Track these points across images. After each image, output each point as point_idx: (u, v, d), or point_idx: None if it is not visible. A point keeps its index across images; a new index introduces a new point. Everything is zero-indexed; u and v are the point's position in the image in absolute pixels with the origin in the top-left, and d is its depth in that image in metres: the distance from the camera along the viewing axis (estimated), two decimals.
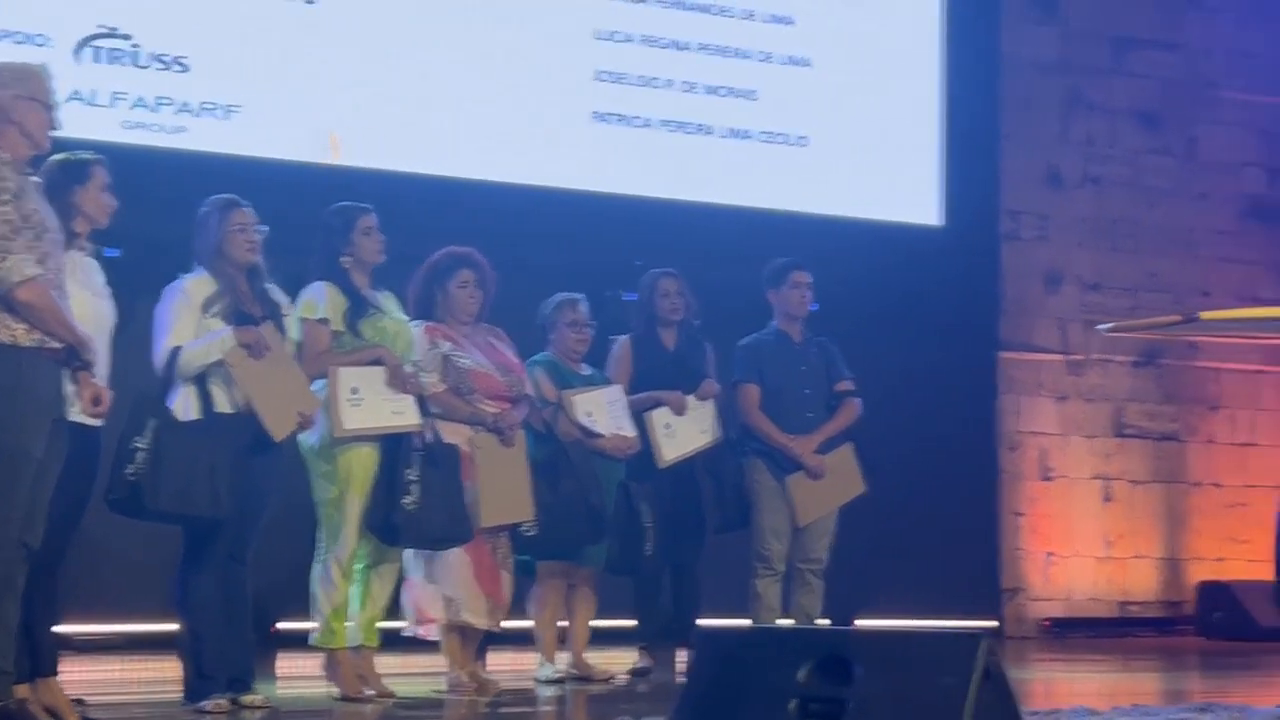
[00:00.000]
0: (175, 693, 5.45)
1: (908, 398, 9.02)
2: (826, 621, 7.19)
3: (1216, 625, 10.10)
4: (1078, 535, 10.38)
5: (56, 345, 4.48)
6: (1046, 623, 10.18)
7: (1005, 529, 10.17)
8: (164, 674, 5.94)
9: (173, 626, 5.51)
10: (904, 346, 9.23)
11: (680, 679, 6.82)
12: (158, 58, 7.72)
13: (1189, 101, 10.87)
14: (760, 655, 3.28)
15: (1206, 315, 3.43)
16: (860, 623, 9.08)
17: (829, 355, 7.02)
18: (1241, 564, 10.71)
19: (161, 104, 7.71)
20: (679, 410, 6.74)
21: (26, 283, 4.37)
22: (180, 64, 7.75)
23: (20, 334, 4.42)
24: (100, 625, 7.48)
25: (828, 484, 6.82)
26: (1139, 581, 10.51)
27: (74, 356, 4.53)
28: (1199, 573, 10.54)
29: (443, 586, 5.94)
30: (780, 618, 6.88)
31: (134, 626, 7.49)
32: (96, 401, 4.61)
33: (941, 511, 9.54)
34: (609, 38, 8.88)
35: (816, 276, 7.06)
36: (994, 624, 9.91)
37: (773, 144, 9.26)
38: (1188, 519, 10.67)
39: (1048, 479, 10.35)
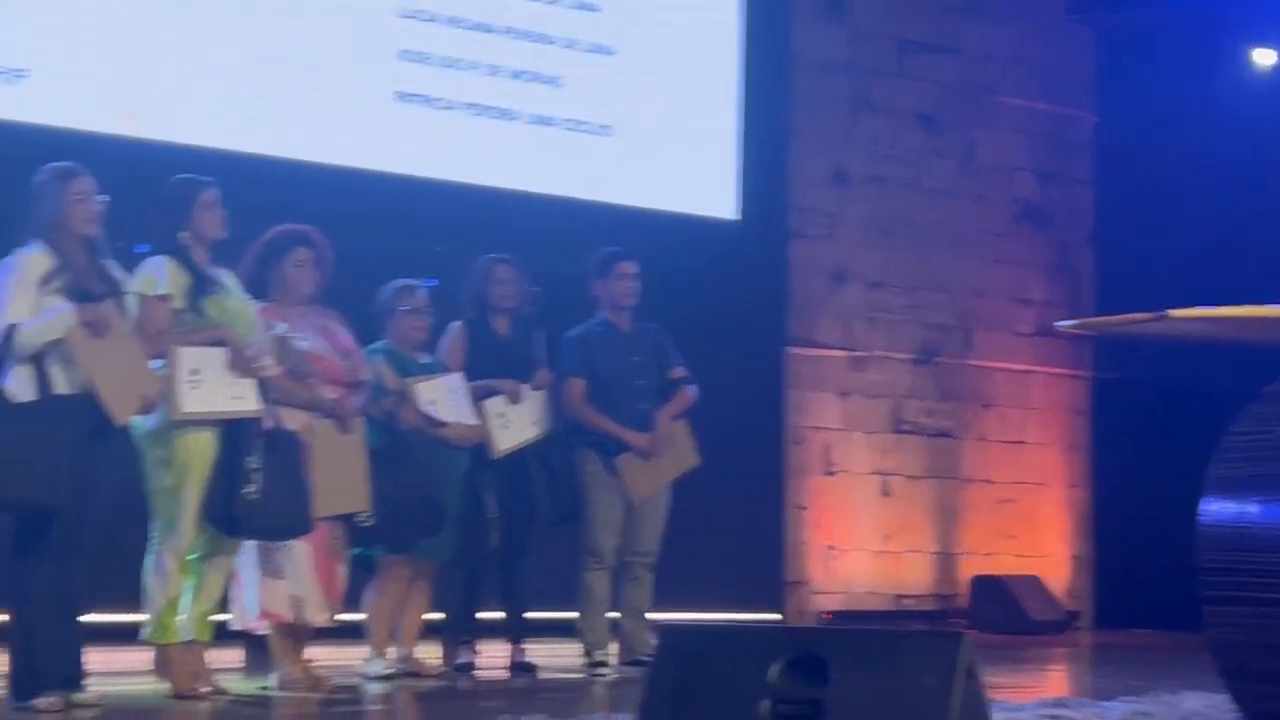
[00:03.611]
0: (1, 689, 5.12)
1: (699, 390, 9.00)
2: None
3: (989, 618, 10.35)
4: (857, 529, 10.53)
5: None
6: (827, 615, 10.30)
7: (789, 522, 10.26)
8: None
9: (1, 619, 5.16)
10: (697, 339, 9.17)
11: (504, 674, 6.69)
12: None
13: (968, 106, 11.12)
14: (728, 654, 3.18)
15: (1175, 314, 3.46)
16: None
17: (660, 343, 6.97)
18: (1010, 558, 11.03)
19: None
20: (515, 399, 6.60)
21: None
22: None
23: None
24: None
25: (660, 459, 6.76)
26: (914, 575, 10.72)
27: None
28: (971, 567, 10.81)
29: (286, 582, 5.69)
30: (609, 611, 6.80)
31: None
32: None
33: (728, 505, 9.55)
34: (413, 16, 8.66)
35: None
36: (777, 617, 9.98)
37: (576, 132, 9.15)
38: (960, 514, 10.92)
39: (830, 474, 10.48)
